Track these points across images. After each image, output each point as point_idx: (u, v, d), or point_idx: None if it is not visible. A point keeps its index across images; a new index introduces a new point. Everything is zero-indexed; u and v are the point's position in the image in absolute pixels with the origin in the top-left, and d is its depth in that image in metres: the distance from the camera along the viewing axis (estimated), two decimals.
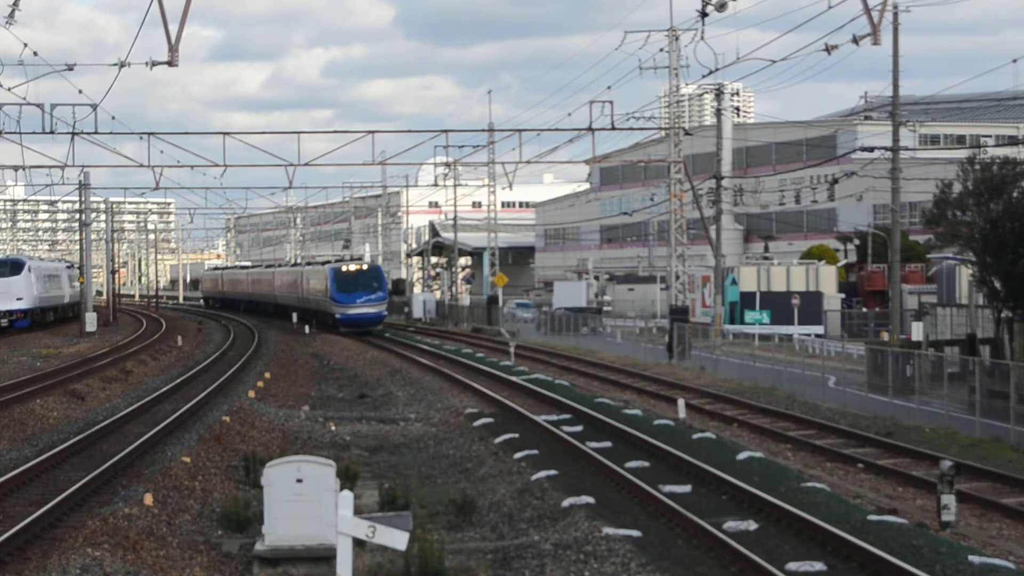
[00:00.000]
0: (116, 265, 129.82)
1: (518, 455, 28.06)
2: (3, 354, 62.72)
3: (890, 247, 53.08)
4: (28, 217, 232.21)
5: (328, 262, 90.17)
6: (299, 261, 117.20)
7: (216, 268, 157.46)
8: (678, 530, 20.78)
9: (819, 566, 18.24)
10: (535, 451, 28.40)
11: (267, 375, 48.69)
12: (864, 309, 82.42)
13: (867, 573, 18.02)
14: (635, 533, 20.11)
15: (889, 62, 50.68)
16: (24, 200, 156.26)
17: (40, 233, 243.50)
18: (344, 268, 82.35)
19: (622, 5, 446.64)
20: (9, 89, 44.94)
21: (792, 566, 18.20)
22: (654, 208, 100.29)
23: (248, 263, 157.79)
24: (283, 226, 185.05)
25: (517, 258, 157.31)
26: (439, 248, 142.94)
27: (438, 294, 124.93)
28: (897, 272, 52.37)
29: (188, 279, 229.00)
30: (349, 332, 79.03)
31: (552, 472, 25.32)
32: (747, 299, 78.72)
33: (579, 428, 32.80)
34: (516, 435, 31.03)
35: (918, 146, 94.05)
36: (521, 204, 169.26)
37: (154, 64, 36.08)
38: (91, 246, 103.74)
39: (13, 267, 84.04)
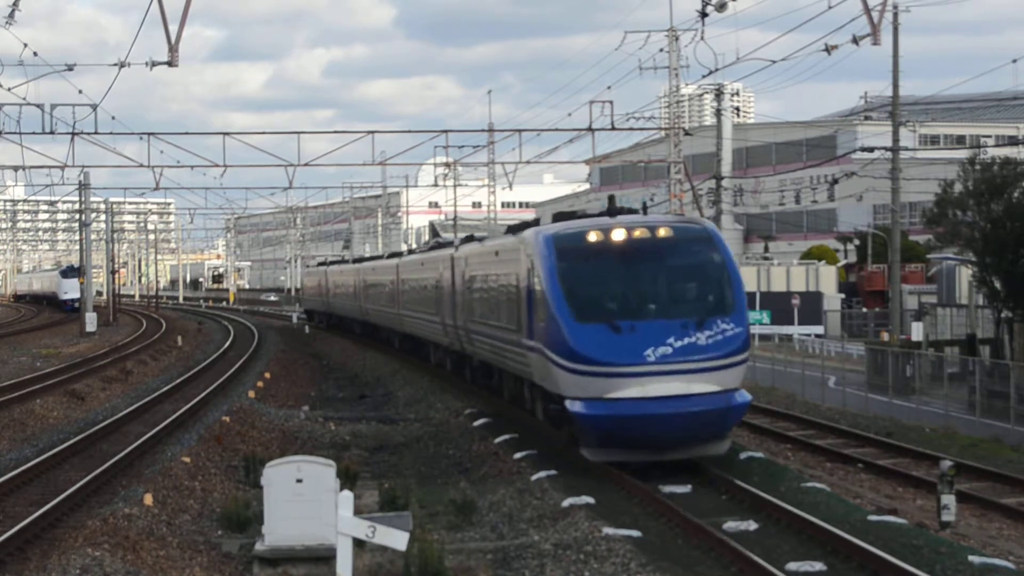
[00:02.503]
0: (116, 265, 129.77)
1: (518, 455, 28.05)
2: (3, 354, 62.73)
3: (890, 247, 53.09)
4: (28, 217, 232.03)
5: (536, 221, 36.05)
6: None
7: (321, 263, 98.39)
8: (678, 530, 20.78)
9: (819, 566, 18.24)
10: (534, 451, 28.39)
11: (267, 375, 48.69)
12: (864, 309, 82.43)
13: (867, 573, 18.02)
14: (635, 533, 20.11)
15: (889, 62, 50.79)
16: (24, 200, 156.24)
17: (40, 233, 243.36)
18: (591, 236, 26.84)
19: (623, 5, 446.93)
20: (9, 89, 44.98)
21: (792, 566, 18.20)
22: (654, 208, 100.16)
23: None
24: (283, 226, 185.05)
25: None
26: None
27: None
28: (897, 272, 52.38)
29: (188, 279, 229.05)
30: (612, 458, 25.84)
31: (552, 472, 25.31)
32: (747, 299, 78.58)
33: None
34: (516, 435, 31.01)
35: (918, 146, 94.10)
36: (521, 204, 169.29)
37: (154, 64, 36.13)
38: (91, 246, 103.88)
39: (77, 271, 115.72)
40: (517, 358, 30.02)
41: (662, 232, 26.80)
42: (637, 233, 26.66)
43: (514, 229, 32.73)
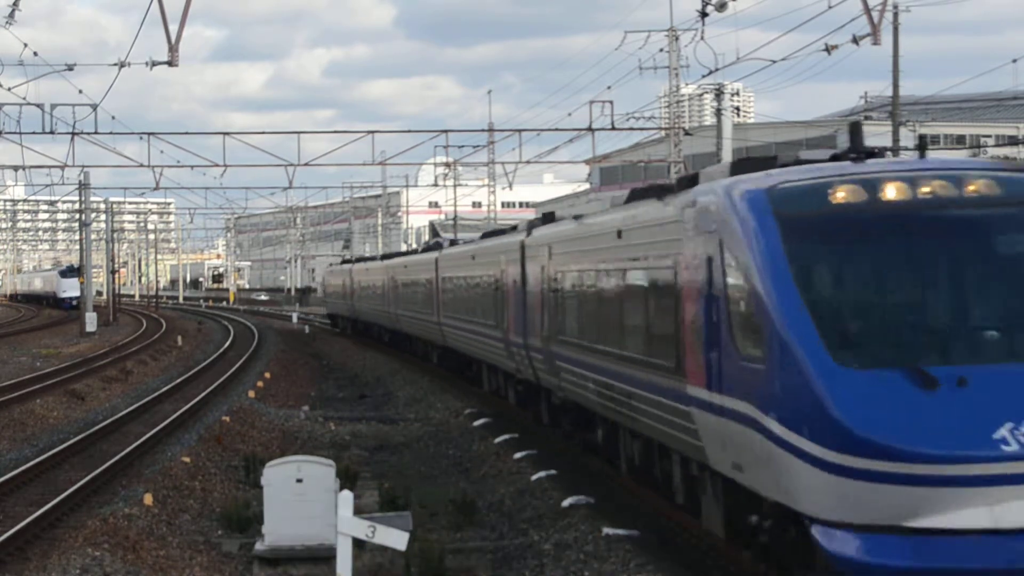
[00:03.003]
0: (116, 265, 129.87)
1: (518, 455, 28.05)
2: (3, 354, 62.74)
3: None
4: (28, 217, 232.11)
5: (693, 177, 17.03)
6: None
7: (345, 261, 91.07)
8: (678, 529, 20.77)
9: None
10: (534, 451, 28.40)
11: (267, 375, 48.69)
12: None
13: None
14: (635, 533, 20.11)
15: (889, 62, 50.79)
16: (24, 200, 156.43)
17: (40, 233, 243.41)
18: (840, 193, 13.39)
19: (623, 5, 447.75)
20: (9, 89, 45.07)
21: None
22: None
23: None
24: (283, 226, 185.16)
25: None
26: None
27: None
28: None
29: (188, 279, 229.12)
30: None
31: (552, 472, 25.32)
32: None
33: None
34: (516, 435, 31.02)
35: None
36: (521, 204, 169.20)
37: (154, 64, 36.22)
38: (91, 246, 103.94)
39: (77, 271, 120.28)
40: (665, 416, 17.70)
41: (978, 186, 13.60)
42: (929, 188, 13.57)
43: (656, 192, 18.99)
